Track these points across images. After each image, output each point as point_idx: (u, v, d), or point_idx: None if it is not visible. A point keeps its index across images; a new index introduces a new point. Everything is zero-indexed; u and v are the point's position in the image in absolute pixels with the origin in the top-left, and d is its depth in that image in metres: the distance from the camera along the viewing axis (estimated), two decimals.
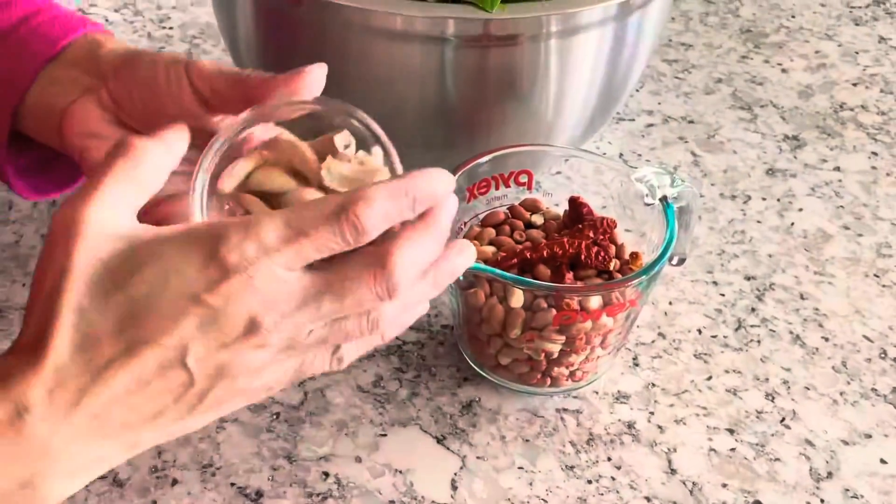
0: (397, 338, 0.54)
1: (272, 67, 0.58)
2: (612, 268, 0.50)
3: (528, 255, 0.49)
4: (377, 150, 0.41)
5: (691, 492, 0.48)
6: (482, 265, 0.48)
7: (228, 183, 0.40)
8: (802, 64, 0.77)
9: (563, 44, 0.54)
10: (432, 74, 0.53)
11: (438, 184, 0.38)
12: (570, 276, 0.49)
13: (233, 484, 0.47)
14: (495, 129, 0.56)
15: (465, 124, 0.56)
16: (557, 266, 0.49)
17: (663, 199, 0.50)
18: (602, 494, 0.47)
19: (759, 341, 0.55)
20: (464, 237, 0.53)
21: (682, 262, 0.53)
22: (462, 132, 0.56)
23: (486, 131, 0.56)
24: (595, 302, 0.47)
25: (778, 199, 0.65)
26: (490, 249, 0.51)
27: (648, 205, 0.51)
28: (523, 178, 0.54)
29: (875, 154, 0.69)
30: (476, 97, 0.55)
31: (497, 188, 0.54)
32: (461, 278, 0.47)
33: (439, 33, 0.51)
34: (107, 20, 0.78)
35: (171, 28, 0.78)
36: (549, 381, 0.50)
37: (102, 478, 0.47)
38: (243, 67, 0.60)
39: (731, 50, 0.78)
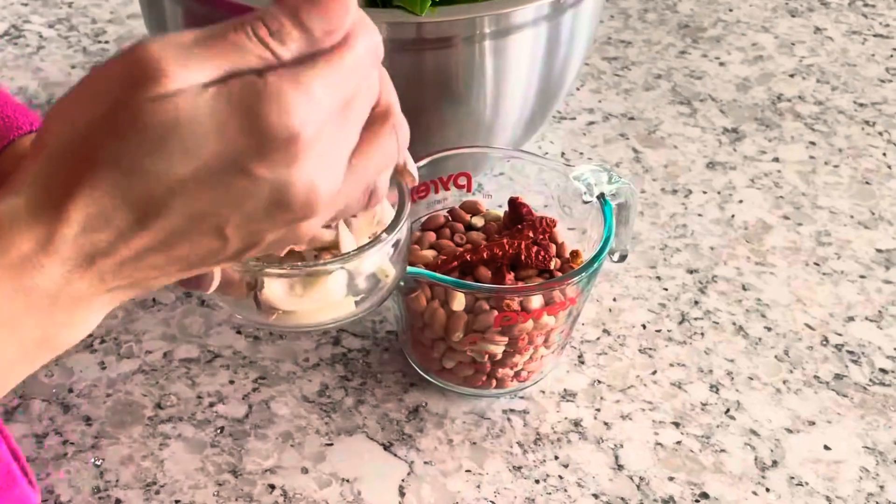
0: (342, 345, 0.54)
1: None
2: (552, 267, 0.50)
3: (468, 257, 0.49)
4: None
5: (638, 486, 0.48)
6: (423, 270, 0.47)
7: None
8: (740, 57, 0.78)
9: (497, 44, 0.53)
10: None
11: None
12: (510, 276, 0.49)
13: (177, 501, 0.46)
14: (434, 132, 0.56)
15: None
16: (498, 267, 0.49)
17: (601, 197, 0.50)
18: (550, 494, 0.47)
19: (702, 334, 0.55)
20: None
21: (623, 258, 0.53)
22: None
23: (425, 135, 0.56)
24: (536, 301, 0.47)
25: (718, 192, 0.65)
26: (431, 253, 0.51)
27: (587, 202, 0.51)
28: (462, 181, 0.54)
29: (813, 144, 0.70)
30: (412, 101, 0.54)
31: (437, 192, 0.53)
32: (402, 283, 0.47)
33: None
34: (41, 36, 0.77)
35: (106, 42, 0.77)
36: (494, 382, 0.50)
37: (43, 501, 0.46)
38: None
39: (669, 45, 0.79)
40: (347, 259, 0.39)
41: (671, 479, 0.48)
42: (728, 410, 0.51)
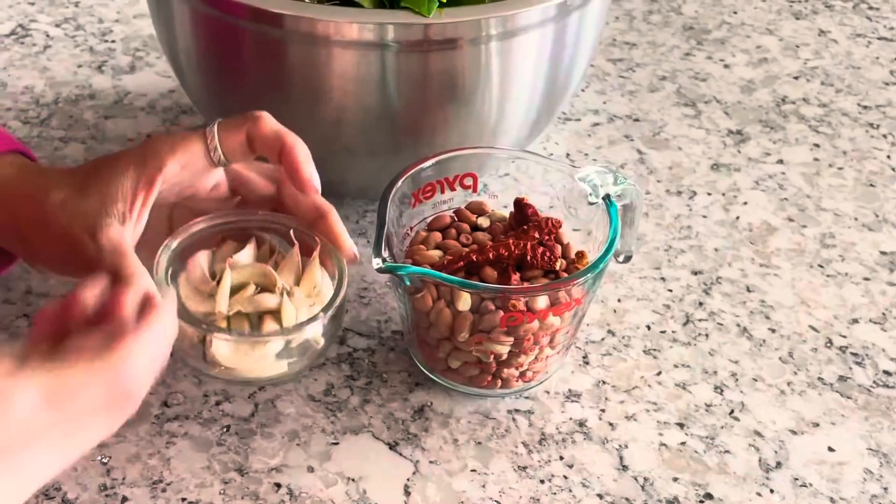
0: (347, 345, 0.54)
1: (212, 78, 0.58)
2: (558, 267, 0.50)
3: (474, 257, 0.49)
4: (295, 249, 0.49)
5: (643, 487, 0.48)
6: (429, 270, 0.48)
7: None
8: (744, 59, 0.78)
9: (503, 46, 0.54)
10: (374, 80, 0.53)
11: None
12: (516, 277, 0.49)
13: (184, 499, 0.47)
14: (439, 133, 0.56)
15: (408, 129, 0.56)
16: (504, 268, 0.49)
17: (606, 198, 0.51)
18: (555, 494, 0.47)
19: (706, 335, 0.56)
20: (410, 242, 0.53)
21: (628, 259, 0.53)
22: (406, 137, 0.56)
23: (431, 135, 0.56)
24: (542, 302, 0.48)
25: (723, 194, 0.65)
26: (437, 253, 0.51)
27: (592, 204, 0.51)
28: (468, 181, 0.54)
29: (817, 146, 0.70)
30: (419, 102, 0.55)
31: (442, 192, 0.54)
32: (408, 283, 0.47)
33: (379, 39, 0.51)
34: (48, 35, 0.77)
35: (113, 42, 0.77)
36: (499, 382, 0.51)
37: (50, 498, 0.46)
38: (184, 78, 0.60)
39: (674, 47, 0.79)
40: (287, 332, 0.46)
41: (675, 479, 0.48)
42: (732, 412, 0.52)
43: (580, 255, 0.52)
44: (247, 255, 0.49)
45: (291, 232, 0.49)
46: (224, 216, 0.49)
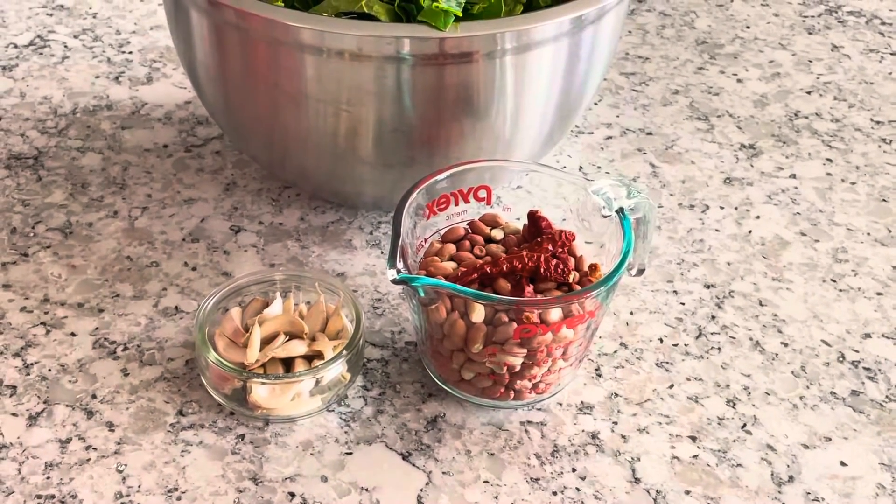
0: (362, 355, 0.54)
1: (229, 90, 0.58)
2: (571, 280, 0.50)
3: (488, 269, 0.50)
4: (321, 298, 0.54)
5: (655, 500, 0.48)
6: (443, 281, 0.48)
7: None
8: (757, 73, 0.78)
9: (518, 60, 0.54)
10: (389, 93, 0.54)
11: None
12: (529, 289, 0.49)
13: None
14: (454, 145, 0.57)
15: (423, 142, 0.56)
16: (517, 280, 0.50)
17: (620, 211, 0.51)
18: None
19: (719, 348, 0.56)
20: (424, 254, 0.53)
21: (641, 272, 0.54)
22: (421, 150, 0.57)
23: (445, 148, 0.57)
24: (555, 314, 0.48)
25: (735, 208, 0.65)
26: (451, 265, 0.52)
27: (606, 217, 0.51)
28: (482, 194, 0.54)
29: (830, 161, 0.70)
30: (434, 115, 0.55)
31: (456, 204, 0.54)
32: (422, 294, 0.48)
33: (395, 53, 0.52)
34: (66, 46, 0.78)
35: (130, 53, 0.77)
36: (512, 394, 0.51)
37: None
38: (201, 90, 0.61)
39: (687, 61, 0.79)
40: (316, 371, 0.50)
41: (688, 492, 0.48)
42: (745, 425, 0.52)
43: (593, 267, 0.52)
44: (276, 307, 0.53)
45: (317, 284, 0.54)
46: (252, 275, 0.55)
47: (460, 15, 0.51)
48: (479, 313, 0.48)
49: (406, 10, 0.53)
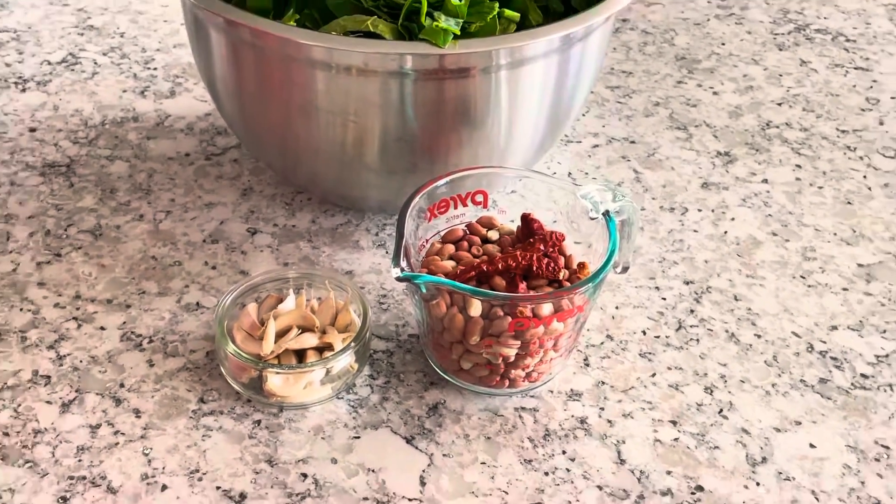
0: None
1: (246, 103, 0.58)
2: (561, 277, 0.50)
3: (484, 267, 0.49)
4: (331, 294, 0.54)
5: (639, 480, 0.48)
6: (443, 279, 0.48)
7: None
8: (732, 87, 0.78)
9: (512, 75, 0.54)
10: (393, 105, 0.53)
11: None
12: (523, 286, 0.49)
13: (218, 487, 0.47)
14: (453, 153, 0.56)
15: (425, 150, 0.56)
16: (512, 277, 0.50)
17: (606, 214, 0.51)
18: (558, 485, 0.47)
19: (697, 340, 0.56)
20: (425, 254, 0.53)
21: (626, 270, 0.53)
22: (422, 157, 0.56)
23: (445, 156, 0.57)
24: (546, 309, 0.48)
25: (712, 210, 0.65)
26: (450, 264, 0.51)
27: (593, 219, 0.51)
28: (479, 198, 0.54)
29: (799, 167, 0.70)
30: (434, 125, 0.55)
31: (455, 207, 0.54)
32: (424, 290, 0.48)
33: (398, 68, 0.52)
34: (96, 63, 0.78)
35: (155, 69, 0.77)
36: (507, 382, 0.51)
37: (96, 486, 0.46)
38: (220, 103, 0.61)
39: (667, 76, 0.79)
40: (326, 362, 0.50)
41: (669, 472, 0.48)
42: (721, 410, 0.51)
43: (581, 266, 0.52)
44: (290, 303, 0.53)
45: (327, 282, 0.54)
46: (267, 273, 0.54)
47: (458, 33, 0.51)
48: (476, 308, 0.48)
49: (408, 29, 0.53)
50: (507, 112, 0.56)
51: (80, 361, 0.53)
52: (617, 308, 0.57)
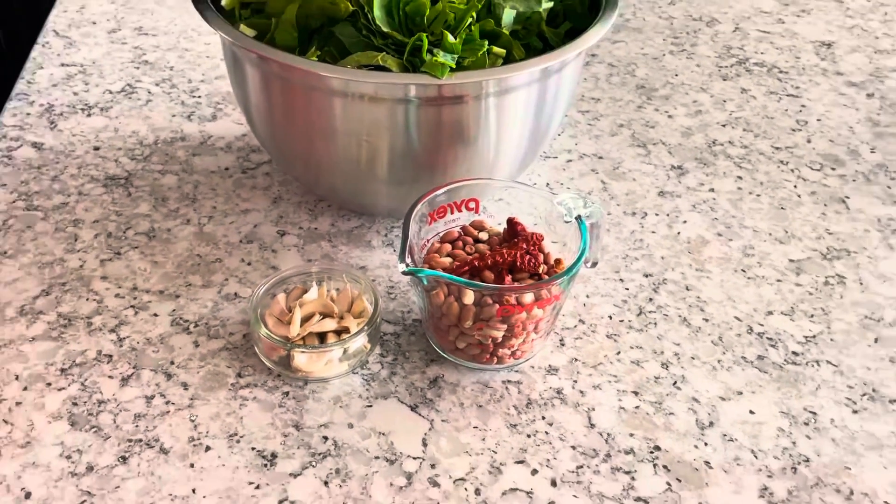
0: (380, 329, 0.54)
1: (275, 126, 0.58)
2: (541, 271, 0.50)
3: (476, 263, 0.49)
4: (349, 286, 0.54)
5: (606, 441, 0.48)
6: (442, 273, 0.48)
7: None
8: (684, 111, 0.78)
9: (499, 101, 0.54)
10: (400, 127, 0.53)
11: None
12: (508, 278, 0.49)
13: (253, 448, 0.47)
14: (450, 167, 0.56)
15: (426, 165, 0.56)
16: (499, 271, 0.50)
17: (578, 218, 0.51)
18: (538, 446, 0.47)
19: (655, 324, 0.55)
20: (427, 251, 0.53)
21: (595, 265, 0.53)
22: (424, 171, 0.56)
23: (443, 169, 0.56)
24: (528, 298, 0.48)
25: (667, 215, 0.65)
26: (447, 260, 0.51)
27: (567, 222, 0.51)
28: (472, 205, 0.54)
29: (740, 178, 0.70)
30: (434, 144, 0.55)
31: (452, 213, 0.54)
32: (425, 283, 0.48)
33: (404, 96, 0.52)
34: (149, 92, 0.77)
35: (199, 97, 0.77)
36: (495, 359, 0.51)
37: (150, 447, 0.46)
38: (254, 126, 0.61)
39: (629, 102, 0.79)
40: (344, 342, 0.50)
41: (631, 435, 0.48)
42: (675, 383, 0.51)
43: (558, 261, 0.52)
44: (313, 293, 0.53)
45: (344, 276, 0.54)
46: (294, 268, 0.54)
47: (454, 66, 0.51)
48: (469, 297, 0.48)
49: (412, 63, 0.53)
50: (496, 132, 0.55)
51: (137, 343, 0.53)
52: (588, 297, 0.57)
